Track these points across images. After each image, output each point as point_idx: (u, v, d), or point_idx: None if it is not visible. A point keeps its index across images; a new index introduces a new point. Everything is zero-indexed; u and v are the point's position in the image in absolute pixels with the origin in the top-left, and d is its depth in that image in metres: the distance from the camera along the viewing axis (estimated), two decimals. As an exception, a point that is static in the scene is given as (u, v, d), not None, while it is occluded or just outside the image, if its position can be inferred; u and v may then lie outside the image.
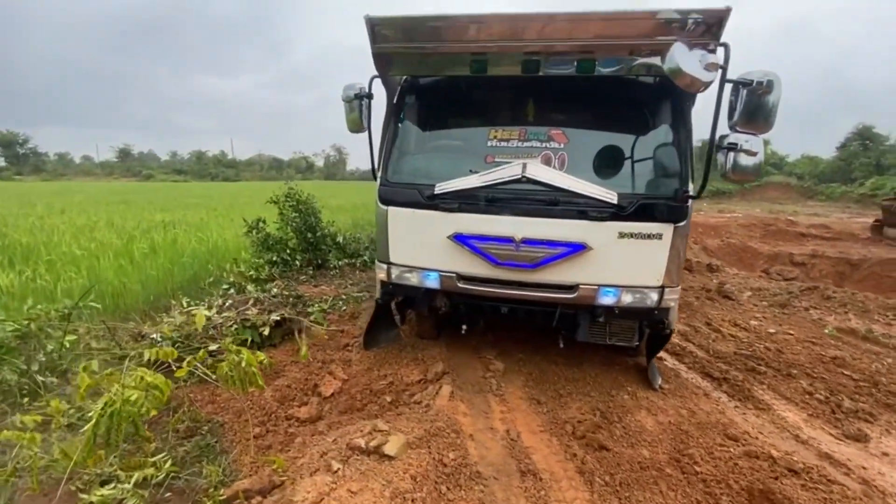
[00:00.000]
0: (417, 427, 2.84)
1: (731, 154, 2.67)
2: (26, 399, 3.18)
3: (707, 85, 2.51)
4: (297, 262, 7.40)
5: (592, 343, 3.74)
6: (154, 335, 4.02)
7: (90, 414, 2.20)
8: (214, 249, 7.54)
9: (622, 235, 3.12)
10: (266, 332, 4.26)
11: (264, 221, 7.67)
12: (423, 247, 3.53)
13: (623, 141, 3.36)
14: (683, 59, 2.45)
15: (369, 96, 3.53)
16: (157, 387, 2.44)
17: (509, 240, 3.20)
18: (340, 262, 8.17)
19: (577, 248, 3.13)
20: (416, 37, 3.02)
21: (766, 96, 2.57)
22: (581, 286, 3.27)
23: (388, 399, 3.47)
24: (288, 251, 7.40)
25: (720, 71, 2.52)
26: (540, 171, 3.15)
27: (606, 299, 3.28)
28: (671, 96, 3.16)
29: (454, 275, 3.48)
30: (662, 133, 3.21)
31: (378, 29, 2.98)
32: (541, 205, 3.18)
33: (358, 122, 3.62)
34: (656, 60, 3.00)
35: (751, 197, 31.91)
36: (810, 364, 4.24)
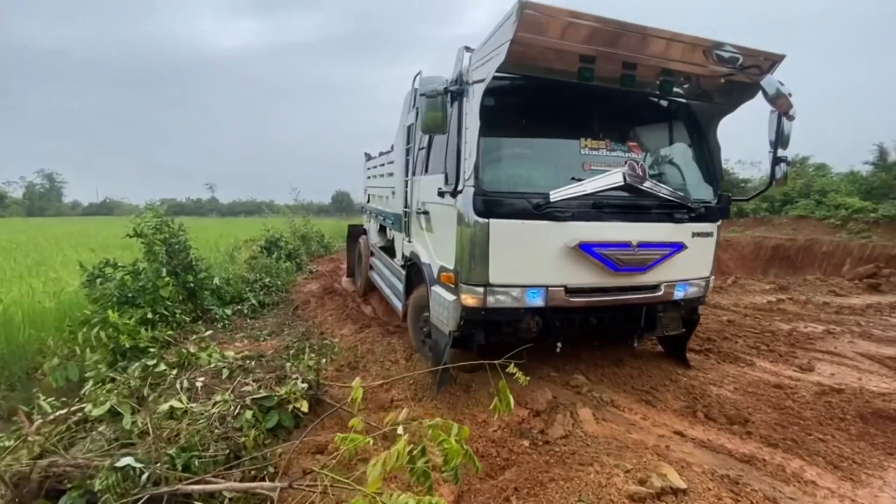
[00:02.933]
0: (620, 457, 2.55)
1: (782, 165, 3.48)
2: None
3: (791, 106, 3.22)
4: (185, 317, 5.32)
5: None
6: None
7: None
8: (22, 317, 4.66)
9: (694, 235, 3.59)
10: (305, 408, 2.98)
11: (114, 265, 5.26)
12: (530, 261, 3.21)
13: (679, 153, 3.86)
14: (780, 87, 3.10)
15: (460, 93, 3.04)
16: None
17: (627, 245, 3.25)
18: (228, 311, 6.29)
19: (678, 248, 3.42)
20: (561, 33, 2.80)
21: (792, 122, 3.47)
22: (663, 284, 3.58)
23: (525, 443, 2.95)
24: (166, 302, 5.24)
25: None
26: (637, 179, 3.33)
27: (680, 293, 3.67)
28: (712, 119, 3.84)
29: (562, 288, 3.28)
30: (706, 148, 3.85)
31: (530, 16, 2.63)
32: (642, 210, 3.37)
33: (440, 122, 3.06)
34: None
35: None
36: (723, 329, 5.65)
